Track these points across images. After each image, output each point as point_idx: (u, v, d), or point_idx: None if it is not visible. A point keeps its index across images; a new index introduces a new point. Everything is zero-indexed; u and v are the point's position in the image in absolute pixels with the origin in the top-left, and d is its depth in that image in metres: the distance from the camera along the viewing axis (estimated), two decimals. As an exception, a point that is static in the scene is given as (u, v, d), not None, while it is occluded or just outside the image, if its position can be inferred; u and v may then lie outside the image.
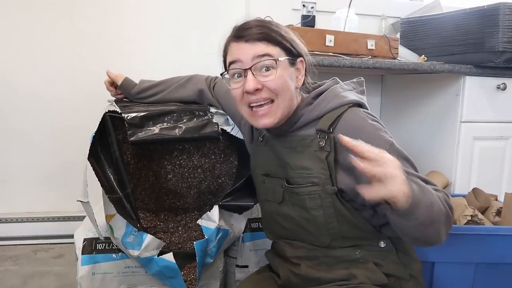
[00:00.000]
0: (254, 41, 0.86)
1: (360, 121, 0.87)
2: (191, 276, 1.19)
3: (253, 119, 0.90)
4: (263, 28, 0.88)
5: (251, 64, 0.86)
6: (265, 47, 0.86)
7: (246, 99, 0.89)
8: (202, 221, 1.21)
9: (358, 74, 1.96)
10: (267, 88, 0.87)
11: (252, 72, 0.86)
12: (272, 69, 0.87)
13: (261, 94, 0.87)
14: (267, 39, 0.87)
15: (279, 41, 0.88)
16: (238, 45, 0.88)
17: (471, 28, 1.63)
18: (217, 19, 1.97)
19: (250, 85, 0.86)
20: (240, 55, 0.87)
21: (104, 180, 1.15)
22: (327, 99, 0.91)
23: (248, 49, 0.86)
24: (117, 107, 1.18)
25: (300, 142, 0.92)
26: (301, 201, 0.91)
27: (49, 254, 1.82)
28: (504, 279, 1.20)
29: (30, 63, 1.85)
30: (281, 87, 0.87)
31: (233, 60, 0.89)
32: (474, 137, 1.69)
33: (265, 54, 0.86)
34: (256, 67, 0.86)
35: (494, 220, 1.32)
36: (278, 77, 0.87)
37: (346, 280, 0.91)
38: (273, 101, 0.88)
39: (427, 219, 0.72)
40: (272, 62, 0.86)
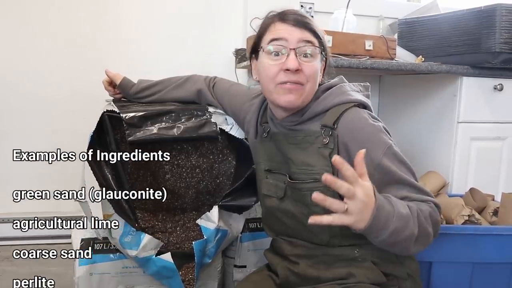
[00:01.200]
0: (301, 27, 0.90)
1: (362, 120, 0.89)
2: (189, 276, 1.19)
3: (281, 94, 0.91)
4: (309, 19, 0.93)
5: (296, 45, 0.89)
6: (310, 35, 0.91)
7: (281, 77, 0.90)
8: (201, 221, 1.20)
9: (356, 75, 1.97)
10: (303, 72, 0.90)
11: (296, 53, 0.89)
12: (311, 57, 0.91)
13: (298, 75, 0.90)
14: (311, 29, 0.91)
15: (319, 37, 0.93)
16: (285, 26, 0.91)
17: (468, 29, 1.64)
18: (216, 19, 1.96)
19: (293, 64, 0.88)
20: (286, 34, 0.90)
21: (102, 180, 1.14)
22: (333, 94, 0.94)
23: (296, 31, 0.90)
24: (116, 106, 1.18)
25: (305, 138, 0.93)
26: (303, 197, 0.91)
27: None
28: (501, 279, 1.21)
29: (28, 63, 1.84)
30: (313, 74, 0.91)
31: (277, 37, 0.90)
32: (471, 137, 1.70)
33: (310, 41, 0.90)
34: (300, 50, 0.89)
35: (491, 220, 1.33)
36: (314, 65, 0.91)
37: (345, 279, 0.91)
38: (302, 85, 0.91)
39: (390, 242, 0.76)
40: (315, 50, 0.91)
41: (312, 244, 0.95)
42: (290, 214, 0.96)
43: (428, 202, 0.84)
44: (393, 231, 0.74)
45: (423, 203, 0.83)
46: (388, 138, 0.88)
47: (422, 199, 0.84)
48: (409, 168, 0.87)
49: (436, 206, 0.85)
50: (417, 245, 0.80)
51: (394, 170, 0.84)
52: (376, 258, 0.92)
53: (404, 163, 0.87)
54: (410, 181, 0.85)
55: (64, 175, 1.90)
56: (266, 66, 0.92)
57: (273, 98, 0.94)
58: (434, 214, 0.82)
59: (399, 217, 0.75)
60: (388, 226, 0.73)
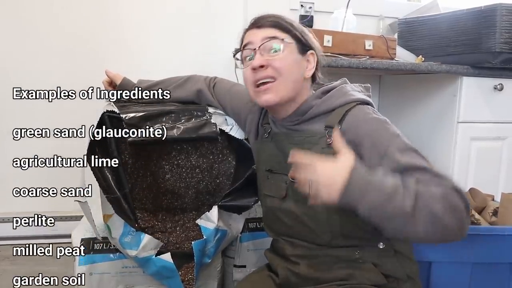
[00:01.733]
0: (266, 26, 0.94)
1: (366, 115, 0.89)
2: (188, 276, 1.19)
3: (257, 95, 0.95)
4: (275, 17, 0.95)
5: (259, 44, 0.92)
6: (275, 31, 0.93)
7: (252, 77, 0.93)
8: (201, 221, 1.21)
9: (356, 75, 1.97)
10: (272, 67, 0.91)
11: (260, 52, 0.92)
12: (279, 51, 0.92)
13: (266, 72, 0.91)
14: (278, 26, 0.94)
15: (289, 29, 0.94)
16: (251, 31, 0.96)
17: (469, 29, 1.64)
18: (216, 20, 1.96)
19: (256, 62, 0.91)
20: (252, 38, 0.94)
21: (102, 180, 1.14)
22: (335, 96, 0.94)
23: (259, 32, 0.94)
24: (116, 107, 1.18)
25: (307, 139, 0.93)
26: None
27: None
28: (501, 279, 1.21)
29: (28, 63, 1.84)
30: (285, 67, 0.92)
31: (245, 43, 0.96)
32: (471, 137, 1.70)
33: (273, 37, 0.92)
34: (265, 47, 0.92)
35: (490, 220, 1.33)
36: (283, 57, 0.92)
37: (345, 280, 0.91)
38: (275, 79, 0.92)
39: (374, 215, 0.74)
40: (279, 42, 0.92)
41: (313, 245, 0.95)
42: (291, 214, 0.96)
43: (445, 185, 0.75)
44: (372, 202, 0.72)
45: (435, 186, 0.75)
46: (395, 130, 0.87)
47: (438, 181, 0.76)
48: (421, 155, 0.83)
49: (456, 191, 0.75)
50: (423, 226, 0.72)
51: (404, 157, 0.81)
52: (376, 260, 0.92)
53: (415, 150, 0.84)
54: (423, 166, 0.80)
55: (64, 175, 1.90)
56: (243, 72, 0.97)
57: (255, 100, 0.97)
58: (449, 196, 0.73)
59: (380, 188, 0.72)
60: (364, 196, 0.72)
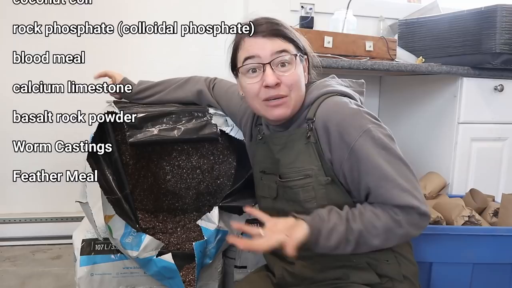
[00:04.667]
0: (271, 36, 0.88)
1: (339, 105, 0.87)
2: (189, 276, 1.19)
3: (269, 111, 0.91)
4: (275, 24, 0.90)
5: (270, 59, 0.87)
6: (282, 43, 0.88)
7: (262, 94, 0.89)
8: (201, 222, 1.21)
9: (357, 76, 1.97)
10: (284, 83, 0.88)
11: (271, 67, 0.87)
12: (289, 64, 0.88)
13: (279, 89, 0.88)
14: (282, 35, 0.89)
15: (292, 39, 0.90)
16: (255, 40, 0.88)
17: (469, 30, 1.64)
18: (216, 21, 1.96)
19: (271, 80, 0.86)
20: (258, 50, 0.88)
21: (103, 181, 1.15)
22: (316, 89, 0.93)
23: (266, 44, 0.87)
24: (116, 108, 1.18)
25: (290, 137, 0.93)
26: (295, 195, 0.91)
27: (47, 255, 1.82)
28: (501, 280, 1.21)
29: (28, 64, 1.84)
30: (296, 83, 0.90)
31: (250, 55, 0.89)
32: (471, 138, 1.70)
33: (283, 50, 0.88)
34: (275, 62, 0.87)
35: (491, 220, 1.33)
36: (295, 73, 0.89)
37: (339, 280, 0.91)
38: (287, 96, 0.89)
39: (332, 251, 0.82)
40: (291, 58, 0.88)
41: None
42: (283, 214, 0.95)
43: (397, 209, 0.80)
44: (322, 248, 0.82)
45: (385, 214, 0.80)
46: (369, 122, 0.83)
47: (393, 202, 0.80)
48: (393, 153, 0.82)
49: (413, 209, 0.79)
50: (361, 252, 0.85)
51: (370, 156, 0.81)
52: (371, 259, 0.92)
53: (388, 149, 0.81)
54: (386, 173, 0.80)
55: (65, 175, 1.91)
56: (247, 86, 0.91)
57: (262, 115, 0.94)
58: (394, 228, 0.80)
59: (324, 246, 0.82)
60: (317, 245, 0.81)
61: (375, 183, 0.81)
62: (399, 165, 0.82)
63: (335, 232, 0.80)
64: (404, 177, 0.81)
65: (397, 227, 0.81)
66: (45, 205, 1.94)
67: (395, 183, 0.80)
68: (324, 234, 0.80)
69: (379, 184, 0.81)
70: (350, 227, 0.81)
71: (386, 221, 0.80)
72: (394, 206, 0.80)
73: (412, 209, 0.80)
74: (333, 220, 0.81)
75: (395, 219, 0.80)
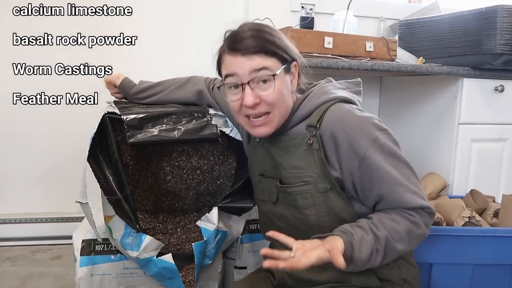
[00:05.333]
0: (250, 54, 0.85)
1: (345, 113, 0.87)
2: (189, 277, 1.19)
3: (250, 128, 0.92)
4: (258, 39, 0.86)
5: (248, 78, 0.86)
6: (262, 60, 0.86)
7: (244, 111, 0.89)
8: (201, 222, 1.21)
9: (357, 76, 1.96)
10: (265, 102, 0.87)
11: (250, 86, 0.86)
12: (269, 82, 0.87)
13: (259, 108, 0.88)
14: (263, 51, 0.86)
15: (274, 52, 0.87)
16: (234, 59, 0.87)
17: (469, 30, 1.64)
18: (216, 21, 1.97)
19: (249, 100, 0.86)
20: (236, 69, 0.86)
21: (103, 181, 1.15)
22: (316, 96, 0.92)
23: (245, 63, 0.85)
24: (116, 108, 1.18)
25: (291, 141, 0.93)
26: (294, 201, 0.91)
27: (47, 255, 1.82)
28: (502, 280, 1.21)
29: (28, 65, 1.84)
30: (278, 100, 0.88)
31: (229, 73, 0.88)
32: (472, 138, 1.70)
33: (262, 68, 0.85)
34: (254, 81, 0.86)
35: (491, 221, 1.33)
36: (276, 90, 0.87)
37: (339, 283, 0.91)
38: (269, 113, 0.89)
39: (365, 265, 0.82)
40: (270, 77, 0.86)
41: None
42: (283, 218, 0.96)
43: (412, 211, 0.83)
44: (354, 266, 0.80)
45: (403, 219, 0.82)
46: (377, 129, 0.84)
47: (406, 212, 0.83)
48: (402, 160, 0.84)
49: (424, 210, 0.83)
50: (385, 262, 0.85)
51: (380, 163, 0.82)
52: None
53: (394, 154, 0.83)
54: (397, 178, 0.82)
55: (64, 176, 1.91)
56: (230, 103, 0.91)
57: (248, 131, 0.94)
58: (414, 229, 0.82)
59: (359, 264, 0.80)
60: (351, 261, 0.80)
61: (388, 189, 0.83)
62: (405, 169, 0.85)
63: (365, 242, 0.80)
64: (410, 180, 0.84)
65: (417, 228, 0.83)
66: (45, 205, 1.94)
67: (406, 187, 0.83)
68: (356, 246, 0.79)
69: (392, 190, 0.83)
70: (376, 235, 0.81)
71: (405, 224, 0.82)
72: (408, 208, 0.83)
73: (423, 210, 0.83)
74: (359, 232, 0.81)
75: (413, 220, 0.82)
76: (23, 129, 1.88)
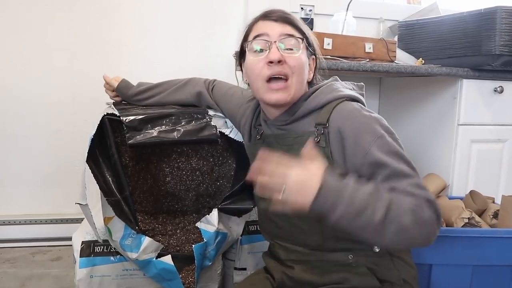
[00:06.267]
0: (282, 22, 0.92)
1: (352, 111, 0.88)
2: (189, 278, 1.19)
3: (268, 93, 0.92)
4: (289, 14, 0.94)
5: (277, 38, 0.90)
6: (292, 29, 0.92)
7: (265, 71, 0.91)
8: (201, 224, 1.21)
9: (356, 77, 1.97)
10: (287, 64, 0.90)
11: (277, 46, 0.90)
12: (295, 49, 0.91)
13: (282, 68, 0.90)
14: (293, 24, 0.93)
15: (303, 32, 0.94)
16: (266, 23, 0.92)
17: (469, 31, 1.64)
18: (216, 22, 1.97)
19: (275, 55, 0.89)
20: (267, 30, 0.91)
21: (103, 183, 1.15)
22: (324, 92, 0.94)
23: (277, 26, 0.91)
24: (116, 109, 1.18)
25: (296, 139, 0.93)
26: None
27: (47, 256, 1.81)
28: (501, 281, 1.21)
29: (29, 66, 1.85)
30: (298, 66, 0.91)
31: (259, 33, 0.92)
32: (471, 139, 1.70)
33: (291, 35, 0.91)
34: (282, 41, 0.90)
35: (491, 222, 1.33)
36: (298, 56, 0.91)
37: (339, 284, 0.91)
38: (287, 79, 0.91)
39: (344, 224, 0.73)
40: (297, 42, 0.91)
41: (306, 249, 0.95)
42: (284, 216, 0.95)
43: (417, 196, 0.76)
44: (342, 215, 0.72)
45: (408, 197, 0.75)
46: (382, 129, 0.84)
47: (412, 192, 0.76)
48: (405, 160, 0.82)
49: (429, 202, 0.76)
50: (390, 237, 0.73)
51: (385, 160, 0.80)
52: (370, 264, 0.92)
53: (398, 154, 0.82)
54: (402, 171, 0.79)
55: (64, 177, 1.91)
56: (252, 63, 0.93)
57: (262, 97, 0.94)
58: (420, 209, 0.74)
59: (351, 201, 0.72)
60: (335, 208, 0.72)
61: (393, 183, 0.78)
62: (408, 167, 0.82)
63: (361, 193, 0.73)
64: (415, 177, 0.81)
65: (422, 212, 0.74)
66: (45, 206, 1.94)
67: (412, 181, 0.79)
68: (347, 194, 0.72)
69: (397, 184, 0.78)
70: (378, 189, 0.74)
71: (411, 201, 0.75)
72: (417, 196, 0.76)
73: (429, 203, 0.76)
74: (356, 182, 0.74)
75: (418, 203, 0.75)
76: (23, 130, 1.88)
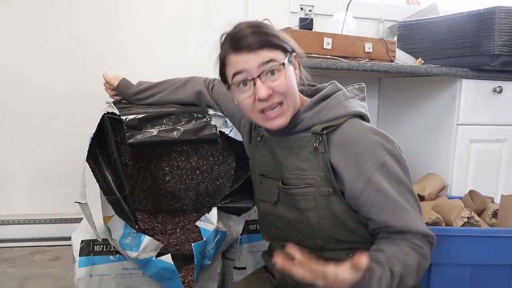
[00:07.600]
0: (256, 50, 0.86)
1: (356, 134, 0.87)
2: (189, 277, 1.19)
3: (267, 122, 0.90)
4: (260, 34, 0.87)
5: (258, 72, 0.86)
6: (268, 53, 0.86)
7: (257, 106, 0.88)
8: (200, 223, 1.21)
9: (356, 77, 1.97)
10: (277, 92, 0.87)
11: (261, 79, 0.86)
12: (278, 72, 0.87)
13: (272, 99, 0.87)
14: (268, 45, 0.86)
15: (277, 44, 0.88)
16: (240, 57, 0.87)
17: (468, 32, 1.64)
18: (215, 22, 1.97)
19: (263, 93, 0.85)
20: (245, 65, 0.86)
21: (103, 182, 1.15)
22: (328, 108, 0.91)
23: (252, 58, 0.86)
24: (116, 108, 1.18)
25: (297, 143, 0.92)
26: (296, 202, 0.91)
27: (46, 256, 1.81)
28: (501, 281, 1.21)
29: (29, 65, 1.85)
30: (289, 89, 0.88)
31: (237, 71, 0.87)
32: (470, 139, 1.70)
33: (270, 60, 0.86)
34: (263, 74, 0.86)
35: (490, 222, 1.33)
36: (286, 80, 0.87)
37: None
38: (282, 103, 0.88)
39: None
40: (279, 66, 0.87)
41: (307, 248, 0.94)
42: (283, 219, 0.95)
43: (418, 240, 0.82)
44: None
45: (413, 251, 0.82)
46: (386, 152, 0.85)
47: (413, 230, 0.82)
48: (407, 187, 0.85)
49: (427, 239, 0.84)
50: None
51: (386, 188, 0.83)
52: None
53: (400, 181, 0.84)
54: (401, 204, 0.83)
55: (64, 177, 1.91)
56: (242, 102, 0.90)
57: (261, 125, 0.93)
58: (423, 262, 0.82)
59: None
60: None
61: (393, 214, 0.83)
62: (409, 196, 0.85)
63: (383, 280, 0.77)
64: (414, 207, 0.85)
65: (425, 261, 0.83)
66: (44, 206, 1.94)
67: (410, 212, 0.84)
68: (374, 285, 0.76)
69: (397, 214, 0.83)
70: (392, 272, 0.78)
71: (416, 258, 0.81)
72: (413, 234, 0.83)
73: (426, 239, 0.84)
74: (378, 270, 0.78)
75: (422, 253, 0.83)
76: (22, 129, 1.88)
